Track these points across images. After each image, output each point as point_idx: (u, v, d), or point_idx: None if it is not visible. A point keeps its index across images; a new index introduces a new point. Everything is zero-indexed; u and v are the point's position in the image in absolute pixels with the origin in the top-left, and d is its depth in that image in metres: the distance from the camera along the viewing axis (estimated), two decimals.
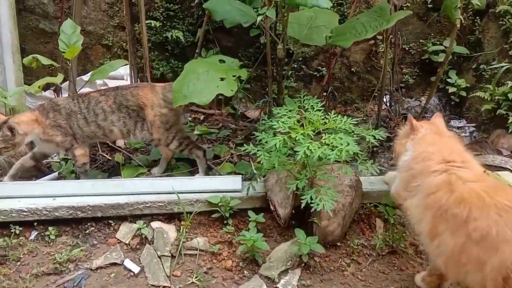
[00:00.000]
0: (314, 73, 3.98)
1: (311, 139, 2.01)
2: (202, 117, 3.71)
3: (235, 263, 2.22)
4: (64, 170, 2.85)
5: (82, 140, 2.60)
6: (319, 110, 2.24)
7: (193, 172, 2.83)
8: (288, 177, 2.32)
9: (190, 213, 2.32)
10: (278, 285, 2.11)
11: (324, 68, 3.90)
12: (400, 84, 3.95)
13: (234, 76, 2.37)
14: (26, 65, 2.69)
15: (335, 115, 2.21)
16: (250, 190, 2.34)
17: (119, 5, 3.79)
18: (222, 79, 2.33)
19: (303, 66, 3.96)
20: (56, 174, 2.82)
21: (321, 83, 3.88)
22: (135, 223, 2.37)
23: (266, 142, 2.13)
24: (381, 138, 2.16)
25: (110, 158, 3.06)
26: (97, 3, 3.79)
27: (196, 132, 3.37)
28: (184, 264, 2.21)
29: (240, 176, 2.48)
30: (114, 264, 2.19)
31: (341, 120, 2.16)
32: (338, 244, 2.31)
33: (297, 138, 2.00)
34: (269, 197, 2.34)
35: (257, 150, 2.13)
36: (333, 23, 2.74)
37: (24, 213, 2.28)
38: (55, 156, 3.03)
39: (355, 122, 2.18)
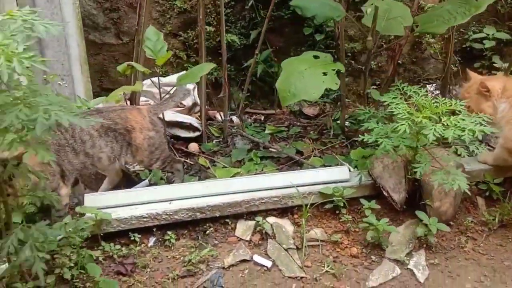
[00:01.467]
0: (362, 67, 4.07)
1: (436, 121, 2.10)
2: (262, 118, 3.75)
3: (359, 250, 2.29)
4: (153, 178, 2.85)
5: (68, 176, 2.31)
6: (425, 95, 2.33)
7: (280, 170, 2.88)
8: (395, 163, 2.41)
9: (306, 205, 2.37)
10: (409, 267, 2.18)
11: (373, 62, 4.01)
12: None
13: (333, 70, 2.44)
14: (120, 72, 2.69)
15: (443, 99, 2.30)
16: (359, 179, 2.42)
17: (170, 12, 3.81)
18: (324, 74, 2.40)
19: (352, 61, 4.05)
20: (146, 181, 2.82)
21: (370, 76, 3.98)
22: (250, 220, 2.40)
23: (372, 130, 2.25)
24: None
25: (192, 163, 3.07)
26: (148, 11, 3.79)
27: (267, 131, 3.42)
28: (310, 255, 2.25)
29: (346, 166, 2.54)
30: (244, 261, 2.22)
31: (451, 103, 2.25)
32: (451, 223, 2.40)
33: (422, 122, 2.07)
34: (379, 184, 2.41)
35: (377, 138, 2.20)
36: (407, 15, 2.84)
37: (145, 219, 2.29)
38: (136, 165, 3.03)
39: (463, 104, 2.27)
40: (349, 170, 2.53)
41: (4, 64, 1.21)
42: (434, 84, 4.06)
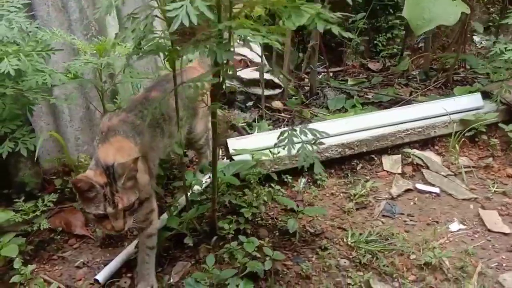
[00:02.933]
0: None
1: None
2: (331, 74, 3.66)
3: None
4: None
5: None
6: None
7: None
8: None
9: (455, 133, 2.32)
10: None
11: None
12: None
13: None
14: None
15: None
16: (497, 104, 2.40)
17: None
18: None
19: None
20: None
21: None
22: (394, 154, 2.32)
23: None
24: None
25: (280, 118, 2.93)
26: None
27: (350, 82, 3.35)
28: (469, 180, 2.20)
29: (479, 93, 2.51)
30: (408, 190, 2.14)
31: None
32: None
33: None
34: None
35: None
36: None
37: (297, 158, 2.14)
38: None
39: None
40: None
41: None
42: None
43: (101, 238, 1.91)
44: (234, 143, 2.22)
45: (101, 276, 1.67)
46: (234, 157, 2.12)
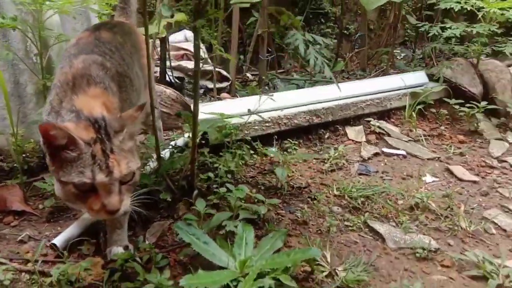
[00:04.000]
0: (344, 31, 4.35)
1: None
2: None
3: (464, 137, 2.39)
4: None
5: None
6: None
7: None
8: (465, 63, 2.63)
9: (410, 105, 2.42)
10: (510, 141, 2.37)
11: (352, 26, 4.32)
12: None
13: None
14: None
15: None
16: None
17: None
18: None
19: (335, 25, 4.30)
20: None
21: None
22: (356, 126, 2.35)
23: None
24: None
25: None
26: None
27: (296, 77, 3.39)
28: (428, 145, 2.28)
29: (424, 71, 2.67)
30: (377, 154, 2.15)
31: None
32: None
33: None
34: (455, 83, 2.59)
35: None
36: None
37: (268, 124, 2.06)
38: None
39: None
40: None
41: None
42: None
43: (47, 213, 1.59)
44: (202, 108, 2.06)
45: (59, 241, 1.36)
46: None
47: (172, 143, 1.86)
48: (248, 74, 3.51)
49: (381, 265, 1.34)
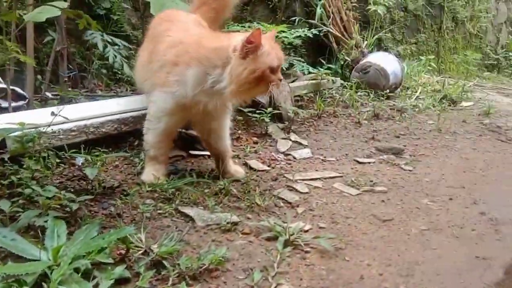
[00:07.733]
0: None
1: None
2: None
3: (257, 138, 2.80)
4: None
5: None
6: None
7: None
8: None
9: None
10: (291, 138, 2.89)
11: None
12: None
13: None
14: None
15: None
16: None
17: None
18: None
19: None
20: None
21: None
22: None
23: None
24: None
25: None
26: None
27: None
28: None
29: None
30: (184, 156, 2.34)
31: None
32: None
33: None
34: None
35: None
36: None
37: (74, 133, 2.04)
38: None
39: None
40: None
41: None
42: None
43: None
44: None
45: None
46: None
47: None
48: (47, 93, 3.32)
49: (191, 239, 1.50)
